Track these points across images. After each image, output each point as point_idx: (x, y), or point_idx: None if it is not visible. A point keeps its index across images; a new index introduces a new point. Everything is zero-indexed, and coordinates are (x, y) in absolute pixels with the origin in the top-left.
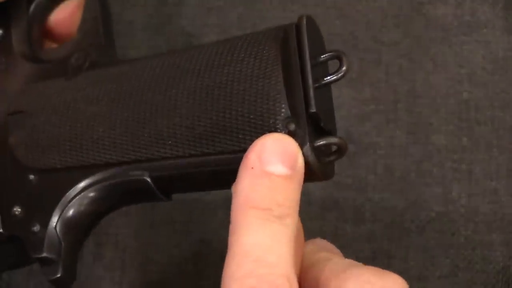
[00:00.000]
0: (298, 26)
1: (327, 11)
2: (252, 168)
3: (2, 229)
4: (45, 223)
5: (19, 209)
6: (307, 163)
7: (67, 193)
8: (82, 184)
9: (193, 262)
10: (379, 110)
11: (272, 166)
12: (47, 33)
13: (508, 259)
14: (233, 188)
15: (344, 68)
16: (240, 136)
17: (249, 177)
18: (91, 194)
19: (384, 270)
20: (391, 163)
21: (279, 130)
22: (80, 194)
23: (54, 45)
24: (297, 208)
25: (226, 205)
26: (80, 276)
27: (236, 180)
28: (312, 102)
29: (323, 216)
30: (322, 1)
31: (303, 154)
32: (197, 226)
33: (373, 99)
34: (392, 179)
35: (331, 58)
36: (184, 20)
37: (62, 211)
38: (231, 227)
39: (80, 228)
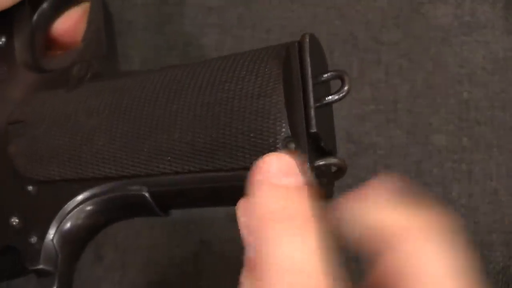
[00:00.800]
0: (300, 45)
1: (327, 11)
2: (267, 181)
3: None
4: (42, 235)
5: (17, 220)
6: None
7: (65, 206)
8: (80, 197)
9: (193, 263)
10: (379, 110)
11: (286, 179)
12: (50, 42)
13: (508, 259)
14: (245, 204)
15: (346, 88)
16: (239, 154)
17: (265, 190)
18: (89, 208)
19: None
20: (391, 163)
21: (278, 149)
22: (78, 207)
23: (57, 53)
24: (315, 217)
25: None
26: (80, 277)
27: (250, 194)
28: (313, 122)
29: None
30: (322, 1)
31: None
32: (197, 227)
33: (373, 99)
34: None
35: (333, 78)
36: (184, 20)
37: (60, 223)
38: (254, 241)
39: (78, 241)
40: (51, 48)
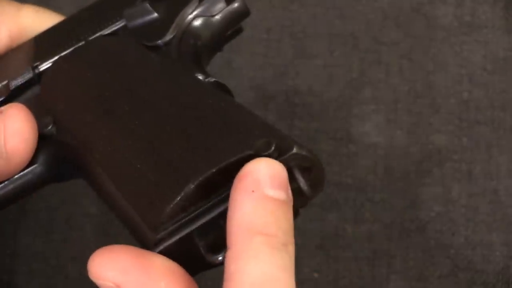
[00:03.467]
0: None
1: (327, 11)
2: (253, 191)
3: None
4: None
5: None
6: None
7: None
8: None
9: None
10: (379, 110)
11: (272, 190)
12: None
13: (508, 259)
14: (230, 212)
15: None
16: None
17: (250, 201)
18: None
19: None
20: (391, 163)
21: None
22: None
23: None
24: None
25: None
26: (80, 276)
27: (233, 204)
28: None
29: (323, 216)
30: (322, 1)
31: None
32: None
33: (373, 99)
34: (392, 179)
35: None
36: None
37: None
38: (232, 253)
39: None
40: None
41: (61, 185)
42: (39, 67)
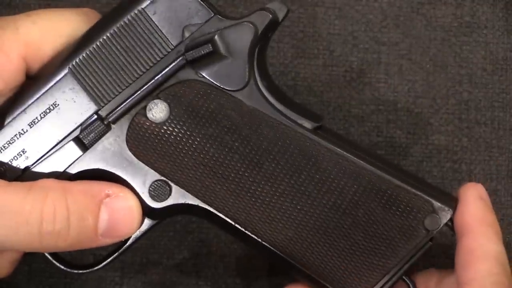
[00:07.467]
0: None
1: (327, 11)
2: (481, 199)
3: None
4: None
5: None
6: None
7: None
8: None
9: (192, 263)
10: (379, 110)
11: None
12: None
13: (508, 259)
14: (463, 210)
15: None
16: None
17: (479, 204)
18: None
19: None
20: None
21: None
22: None
23: None
24: None
25: None
26: (80, 277)
27: (465, 205)
28: None
29: None
30: (322, 1)
31: None
32: (197, 227)
33: (373, 99)
34: None
35: None
36: None
37: None
38: (471, 236)
39: None
40: None
41: None
42: (108, 117)
